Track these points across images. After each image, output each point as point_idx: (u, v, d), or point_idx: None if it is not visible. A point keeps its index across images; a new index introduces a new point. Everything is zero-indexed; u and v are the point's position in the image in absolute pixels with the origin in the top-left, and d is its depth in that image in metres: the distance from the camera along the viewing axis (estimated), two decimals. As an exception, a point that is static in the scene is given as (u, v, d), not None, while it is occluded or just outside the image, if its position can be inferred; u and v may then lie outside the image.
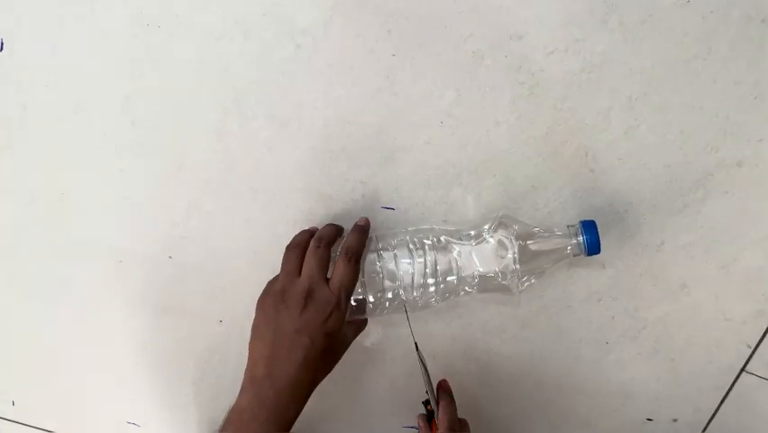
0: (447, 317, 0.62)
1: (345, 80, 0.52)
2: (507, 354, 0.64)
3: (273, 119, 0.54)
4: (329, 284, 0.51)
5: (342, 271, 0.51)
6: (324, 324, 0.50)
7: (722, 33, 0.48)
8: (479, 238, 0.53)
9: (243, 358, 0.52)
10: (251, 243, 0.60)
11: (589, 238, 0.51)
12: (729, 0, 0.47)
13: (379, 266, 0.53)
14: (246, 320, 0.52)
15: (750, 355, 0.61)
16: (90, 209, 0.61)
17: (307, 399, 0.51)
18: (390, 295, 0.54)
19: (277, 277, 0.53)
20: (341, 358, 0.54)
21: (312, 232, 0.54)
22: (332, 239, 0.53)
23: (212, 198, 0.59)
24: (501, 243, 0.52)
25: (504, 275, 0.52)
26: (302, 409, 0.51)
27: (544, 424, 0.70)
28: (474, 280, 0.53)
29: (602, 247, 0.51)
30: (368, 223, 0.55)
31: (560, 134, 0.53)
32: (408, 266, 0.53)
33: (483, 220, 0.54)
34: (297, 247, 0.53)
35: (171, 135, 0.56)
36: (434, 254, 0.53)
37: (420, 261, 0.53)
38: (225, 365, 0.69)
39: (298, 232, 0.55)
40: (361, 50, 0.51)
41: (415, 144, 0.54)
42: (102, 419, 0.78)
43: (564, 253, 0.52)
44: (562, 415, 0.69)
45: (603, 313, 0.61)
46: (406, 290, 0.53)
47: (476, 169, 0.55)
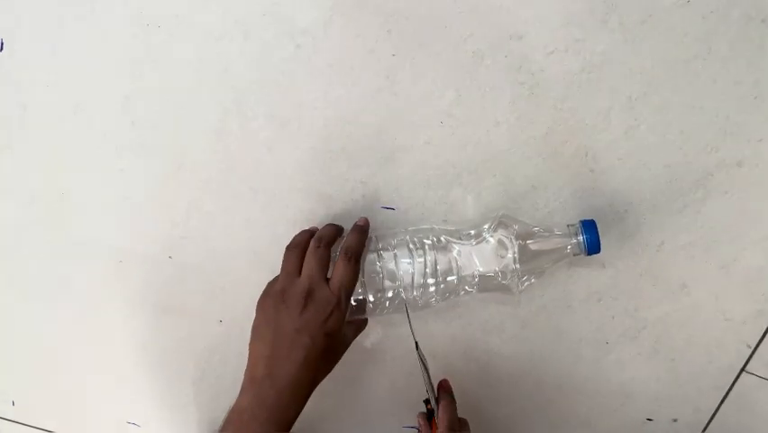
0: (447, 317, 0.62)
1: (345, 80, 0.52)
2: (507, 354, 0.64)
3: (273, 119, 0.54)
4: (329, 284, 0.51)
5: (342, 270, 0.51)
6: (325, 324, 0.50)
7: (722, 33, 0.48)
8: (479, 238, 0.53)
9: (243, 358, 0.52)
10: (251, 243, 0.60)
11: (589, 238, 0.51)
12: (729, 0, 0.47)
13: (379, 266, 0.53)
14: (246, 320, 0.52)
15: (750, 355, 0.61)
16: (90, 209, 0.61)
17: (307, 399, 0.51)
18: (390, 295, 0.54)
19: (277, 277, 0.53)
20: (341, 358, 0.54)
21: (312, 232, 0.54)
22: (332, 239, 0.53)
23: (212, 198, 0.59)
24: (501, 242, 0.52)
25: (504, 275, 0.52)
26: (302, 409, 0.51)
27: (543, 424, 0.70)
28: (474, 279, 0.53)
29: (602, 247, 0.51)
30: (367, 223, 0.55)
31: (560, 134, 0.53)
32: (408, 266, 0.53)
33: (483, 220, 0.54)
34: (297, 247, 0.53)
35: (171, 135, 0.56)
36: (434, 254, 0.53)
37: (420, 260, 0.53)
38: (225, 365, 0.69)
39: (298, 232, 0.55)
40: (361, 50, 0.51)
41: (415, 144, 0.54)
42: (102, 419, 0.78)
43: (564, 252, 0.52)
44: (562, 415, 0.69)
45: (603, 313, 0.61)
46: (406, 290, 0.53)
47: (476, 169, 0.55)
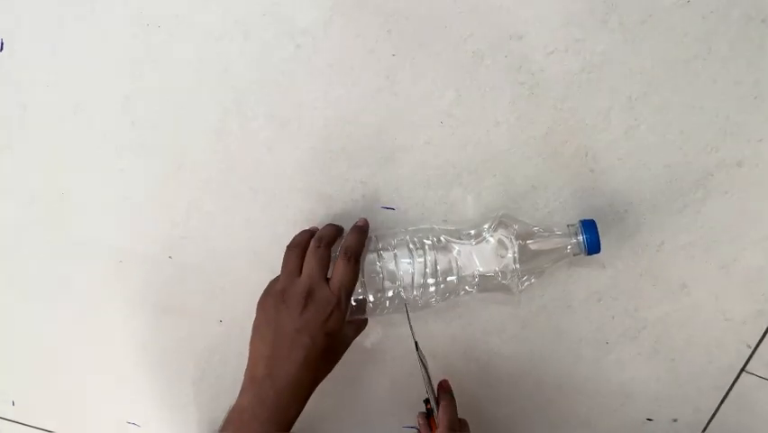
0: (447, 317, 0.62)
1: (345, 80, 0.52)
2: (507, 354, 0.64)
3: (273, 119, 0.54)
4: (329, 284, 0.51)
5: (342, 270, 0.51)
6: (325, 324, 0.50)
7: (722, 33, 0.48)
8: (479, 238, 0.53)
9: (243, 358, 0.52)
10: (251, 243, 0.60)
11: (589, 237, 0.51)
12: (729, 0, 0.47)
13: (379, 266, 0.53)
14: (246, 320, 0.52)
15: (750, 355, 0.61)
16: (90, 209, 0.61)
17: (308, 398, 0.51)
18: (390, 295, 0.54)
19: (278, 277, 0.53)
20: (341, 358, 0.54)
21: (312, 232, 0.54)
22: (332, 239, 0.53)
23: (212, 198, 0.59)
24: (501, 242, 0.52)
25: (504, 275, 0.52)
26: (302, 409, 0.51)
27: (544, 424, 0.70)
28: (474, 279, 0.53)
29: (602, 247, 0.51)
30: (366, 223, 0.55)
31: (560, 134, 0.53)
32: (408, 266, 0.53)
33: (483, 220, 0.54)
34: (298, 247, 0.53)
35: (171, 135, 0.56)
36: (434, 254, 0.53)
37: (420, 260, 0.53)
38: (225, 365, 0.69)
39: (298, 232, 0.55)
40: (361, 50, 0.51)
41: (415, 144, 0.54)
42: (102, 419, 0.78)
43: (564, 252, 0.52)
44: (562, 415, 0.69)
45: (603, 313, 0.61)
46: (406, 290, 0.53)
47: (476, 169, 0.55)
